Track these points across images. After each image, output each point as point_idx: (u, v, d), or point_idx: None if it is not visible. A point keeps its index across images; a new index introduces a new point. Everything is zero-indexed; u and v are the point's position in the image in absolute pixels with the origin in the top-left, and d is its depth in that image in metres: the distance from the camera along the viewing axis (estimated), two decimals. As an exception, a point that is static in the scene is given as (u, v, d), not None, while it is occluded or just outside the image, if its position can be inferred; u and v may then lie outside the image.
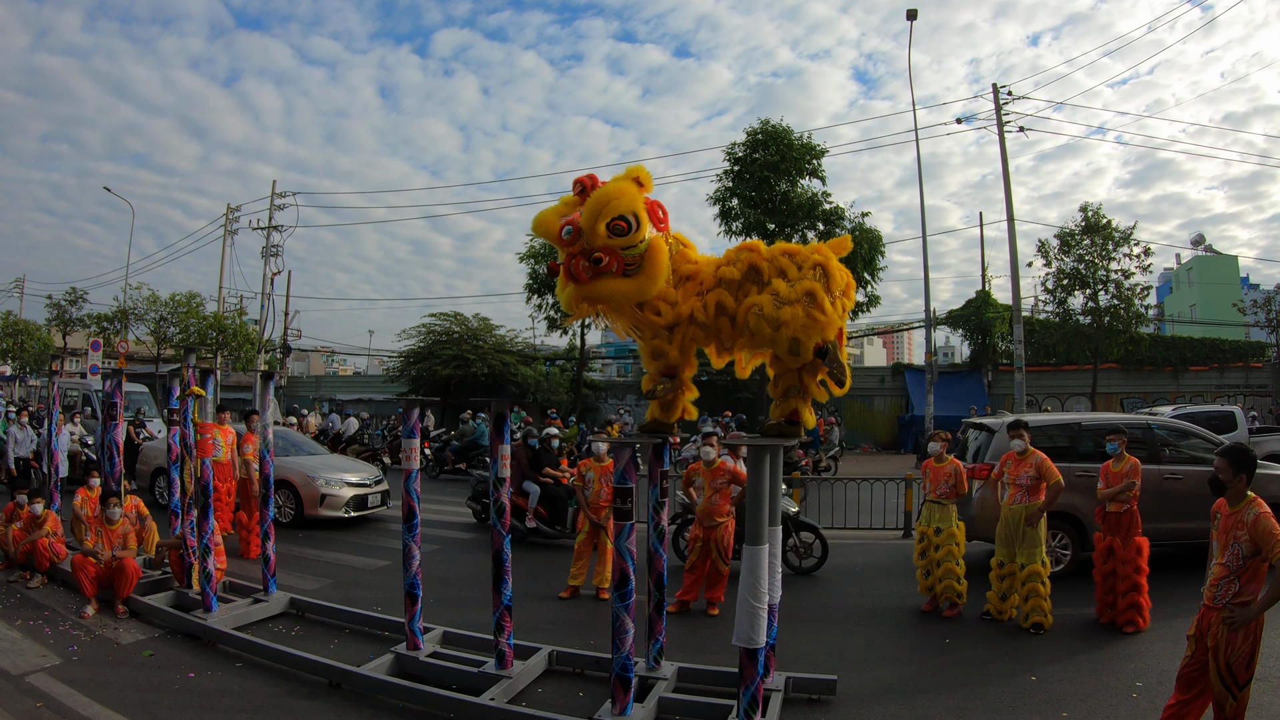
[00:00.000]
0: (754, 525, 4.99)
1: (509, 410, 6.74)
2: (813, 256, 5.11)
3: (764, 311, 4.91)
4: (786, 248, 5.22)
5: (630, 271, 4.94)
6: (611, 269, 4.90)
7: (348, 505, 13.65)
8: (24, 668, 6.67)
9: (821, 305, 4.91)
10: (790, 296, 4.91)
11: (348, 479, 14.02)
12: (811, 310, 4.87)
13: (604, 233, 4.82)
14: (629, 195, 4.91)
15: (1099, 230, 28.94)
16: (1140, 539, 8.16)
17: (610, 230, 4.81)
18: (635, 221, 4.86)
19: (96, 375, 24.83)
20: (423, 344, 37.88)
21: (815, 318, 4.86)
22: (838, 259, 5.22)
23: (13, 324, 52.01)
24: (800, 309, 4.87)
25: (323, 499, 13.49)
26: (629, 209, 4.85)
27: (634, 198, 4.92)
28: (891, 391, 36.13)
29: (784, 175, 28.35)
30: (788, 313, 4.87)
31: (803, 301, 4.90)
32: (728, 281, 5.17)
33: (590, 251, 4.89)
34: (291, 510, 13.58)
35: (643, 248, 4.93)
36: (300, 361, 64.19)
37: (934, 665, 7.30)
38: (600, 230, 4.81)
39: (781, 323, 4.86)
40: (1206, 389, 32.74)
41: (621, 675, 5.36)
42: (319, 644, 7.45)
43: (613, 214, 4.81)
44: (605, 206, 4.83)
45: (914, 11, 27.17)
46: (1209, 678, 4.94)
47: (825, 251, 5.18)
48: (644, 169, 5.20)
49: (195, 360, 8.57)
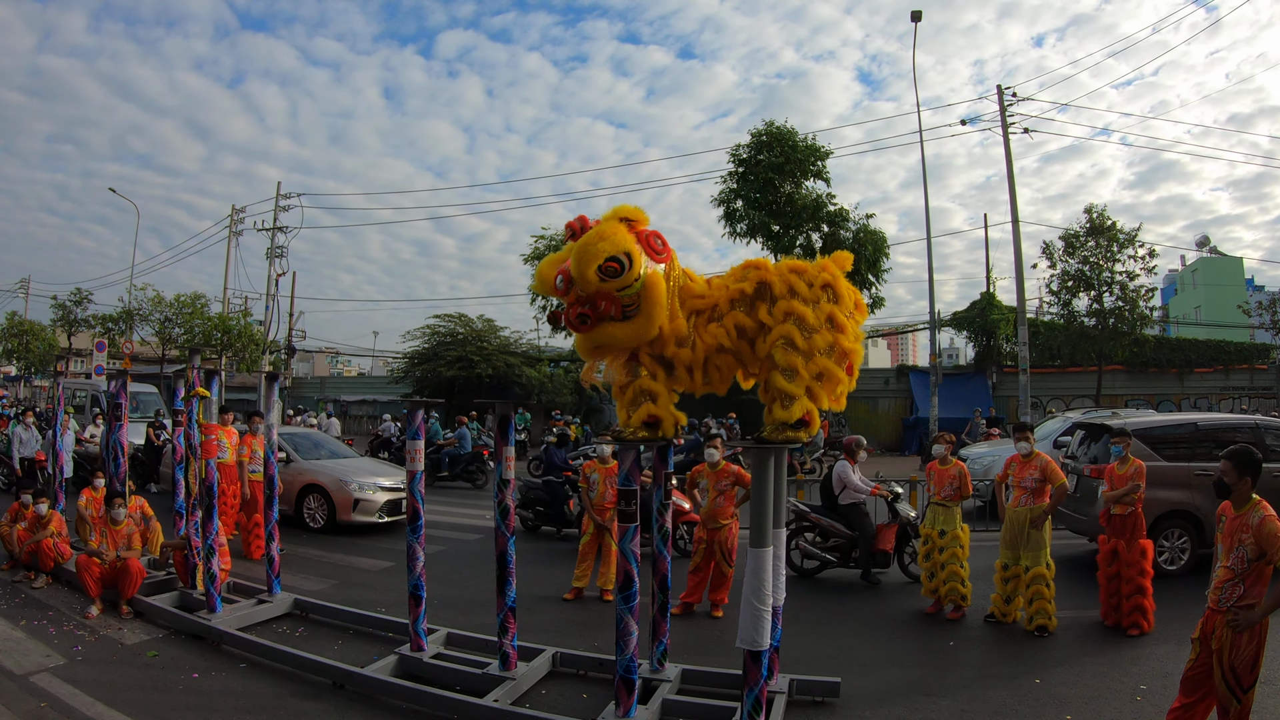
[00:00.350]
0: (758, 528, 4.98)
1: (513, 412, 6.75)
2: (821, 275, 5.07)
3: (794, 342, 4.88)
4: (794, 265, 5.18)
5: (630, 313, 4.89)
6: (610, 314, 4.86)
7: (381, 510, 13.24)
8: (28, 667, 6.69)
9: (843, 328, 4.92)
10: (815, 324, 4.92)
11: (381, 483, 13.53)
12: (836, 334, 4.90)
13: (595, 278, 4.75)
14: (615, 236, 4.79)
15: (1104, 232, 28.91)
16: (1145, 541, 8.14)
17: (602, 274, 4.73)
18: (628, 261, 4.75)
19: (101, 376, 24.88)
20: (427, 345, 38.04)
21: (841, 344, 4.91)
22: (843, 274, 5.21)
23: (18, 324, 52.21)
24: (826, 333, 4.90)
25: (356, 504, 13.07)
26: (618, 249, 4.74)
27: (621, 238, 4.80)
28: (896, 393, 36.06)
29: (788, 177, 28.33)
30: (818, 340, 4.88)
31: (826, 326, 4.92)
32: (740, 300, 5.15)
33: (586, 299, 4.87)
34: (323, 516, 13.27)
35: (638, 287, 4.84)
36: (305, 362, 64.30)
37: (938, 667, 7.30)
38: (591, 276, 4.74)
39: (812, 352, 4.87)
40: (1211, 391, 32.68)
41: (625, 677, 5.36)
42: (323, 645, 7.46)
43: (600, 257, 4.71)
44: (592, 251, 4.74)
45: (918, 13, 27.04)
46: (1213, 681, 4.94)
47: (832, 269, 5.15)
48: (632, 207, 5.08)
49: (200, 361, 8.56)
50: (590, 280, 4.76)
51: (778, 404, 4.93)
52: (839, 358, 4.94)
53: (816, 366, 4.85)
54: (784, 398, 4.87)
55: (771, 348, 4.95)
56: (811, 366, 4.84)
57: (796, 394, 4.83)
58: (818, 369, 4.85)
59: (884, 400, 35.85)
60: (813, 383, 4.86)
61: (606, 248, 4.73)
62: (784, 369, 4.86)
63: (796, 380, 4.83)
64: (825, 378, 4.88)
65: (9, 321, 52.96)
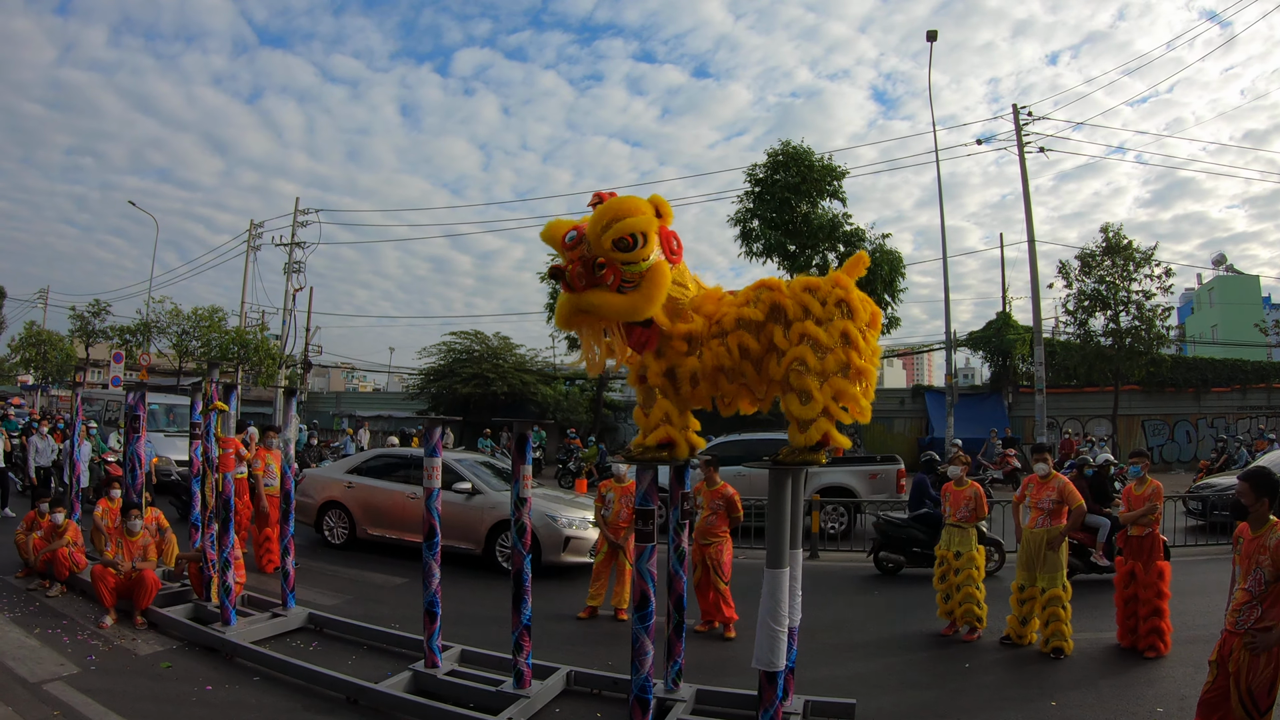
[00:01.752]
0: (775, 549, 4.96)
1: (530, 430, 6.76)
2: (834, 292, 4.96)
3: (807, 364, 4.82)
4: (806, 282, 5.08)
5: (626, 289, 4.83)
6: (607, 281, 4.83)
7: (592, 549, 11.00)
8: (42, 676, 6.72)
9: (857, 346, 4.87)
10: (829, 344, 4.84)
11: (589, 518, 11.54)
12: (850, 352, 4.84)
13: (608, 244, 4.73)
14: (642, 216, 4.79)
15: (1120, 251, 28.83)
16: (1162, 563, 8.09)
17: (615, 244, 4.72)
18: (642, 239, 4.74)
19: (118, 386, 24.85)
20: (443, 362, 38.13)
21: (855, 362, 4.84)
22: (855, 282, 5.16)
23: (36, 334, 52.53)
24: (840, 352, 4.82)
25: (567, 542, 11.48)
26: (639, 228, 4.73)
27: (647, 219, 4.79)
28: (911, 413, 35.97)
29: (805, 196, 28.30)
30: (831, 361, 4.82)
31: (839, 345, 4.84)
32: (749, 323, 5.07)
33: (590, 260, 4.82)
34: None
35: (644, 267, 4.82)
36: (320, 377, 64.58)
37: (953, 689, 7.26)
38: (605, 239, 4.72)
39: (827, 373, 4.81)
40: (1228, 411, 32.47)
41: (640, 696, 5.34)
42: (337, 660, 7.46)
43: (621, 228, 4.70)
44: (614, 217, 4.73)
45: (934, 33, 27.05)
46: (1230, 704, 4.91)
47: (845, 282, 5.04)
48: (664, 200, 5.04)
49: (219, 375, 8.60)
50: (604, 242, 4.72)
51: (795, 428, 4.90)
52: (854, 376, 4.89)
53: (832, 388, 4.81)
54: (801, 423, 4.85)
55: (787, 372, 4.91)
56: (827, 389, 4.79)
57: (811, 417, 4.80)
58: (833, 390, 4.81)
59: (900, 420, 35.73)
60: (830, 403, 4.82)
61: (631, 224, 4.70)
62: (799, 392, 4.83)
63: (811, 404, 4.79)
64: (842, 397, 4.84)
65: (27, 331, 53.33)
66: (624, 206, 4.80)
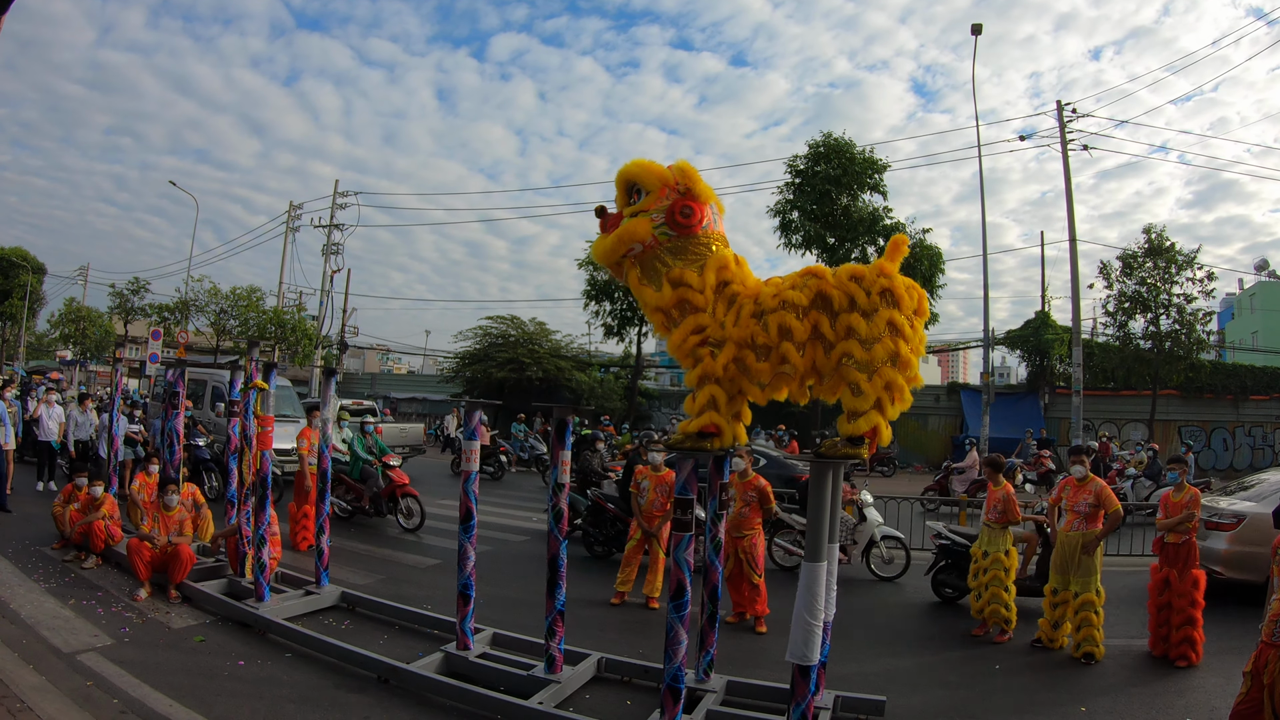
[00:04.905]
0: (813, 542, 4.94)
1: (570, 417, 6.77)
2: (878, 281, 4.89)
3: (854, 357, 4.80)
4: (852, 270, 5.04)
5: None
6: (603, 229, 5.44)
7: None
8: (75, 646, 6.82)
9: (905, 334, 4.83)
10: (874, 335, 4.79)
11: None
12: (898, 340, 4.79)
13: (618, 188, 5.42)
14: (647, 172, 5.27)
15: (1162, 253, 28.52)
16: (1197, 571, 7.99)
17: (624, 189, 5.37)
18: (639, 195, 5.27)
19: (156, 363, 24.99)
20: (479, 346, 38.23)
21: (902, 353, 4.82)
22: (898, 267, 5.11)
23: (75, 310, 53.25)
24: (889, 340, 4.77)
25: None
26: (638, 179, 5.28)
27: (647, 173, 5.27)
28: (947, 411, 35.67)
29: (845, 189, 28.21)
30: (880, 350, 4.77)
31: (887, 333, 4.79)
32: (792, 305, 5.01)
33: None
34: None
35: (628, 215, 5.29)
36: (355, 359, 65.03)
37: (983, 690, 7.22)
38: (617, 182, 5.43)
39: (875, 364, 4.79)
40: (1268, 419, 32.03)
41: (672, 686, 5.33)
42: (369, 639, 7.52)
43: (623, 174, 5.35)
44: (629, 174, 5.32)
45: (979, 26, 26.59)
46: (1263, 716, 4.85)
47: (888, 270, 4.97)
48: (689, 169, 5.33)
49: (258, 354, 8.68)
50: (617, 191, 5.46)
51: (845, 417, 4.87)
52: (901, 365, 4.85)
53: (882, 379, 4.79)
54: (852, 414, 4.82)
55: (837, 365, 4.90)
56: (876, 380, 4.76)
57: (864, 409, 4.76)
58: (884, 381, 4.78)
59: (934, 418, 35.47)
60: (882, 393, 4.78)
61: (631, 172, 5.32)
62: (850, 384, 4.82)
63: (862, 396, 4.77)
64: (891, 389, 4.80)
65: (67, 308, 54.07)
66: (636, 168, 5.34)
